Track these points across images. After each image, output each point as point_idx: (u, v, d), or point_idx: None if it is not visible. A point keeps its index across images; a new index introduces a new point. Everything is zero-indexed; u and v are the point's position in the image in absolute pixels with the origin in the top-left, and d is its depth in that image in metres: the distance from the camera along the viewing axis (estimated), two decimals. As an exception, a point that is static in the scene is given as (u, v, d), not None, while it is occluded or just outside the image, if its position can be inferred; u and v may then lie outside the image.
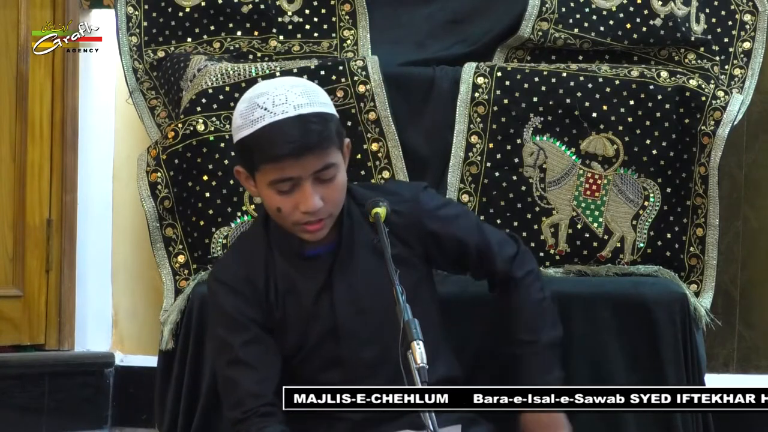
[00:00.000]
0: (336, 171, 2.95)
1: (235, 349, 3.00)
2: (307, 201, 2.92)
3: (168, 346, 3.58)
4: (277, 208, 2.95)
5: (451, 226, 3.13)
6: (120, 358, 4.34)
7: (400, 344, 2.74)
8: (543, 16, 3.87)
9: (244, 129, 2.94)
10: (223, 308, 3.05)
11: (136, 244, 4.26)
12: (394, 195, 3.11)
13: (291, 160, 2.89)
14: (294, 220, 2.96)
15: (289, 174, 2.91)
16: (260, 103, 2.93)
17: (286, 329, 3.05)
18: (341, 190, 2.99)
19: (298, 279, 3.05)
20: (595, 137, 3.69)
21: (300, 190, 2.92)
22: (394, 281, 2.83)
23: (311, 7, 3.96)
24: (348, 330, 3.03)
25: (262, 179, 2.95)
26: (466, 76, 3.74)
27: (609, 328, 3.50)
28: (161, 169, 3.67)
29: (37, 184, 4.28)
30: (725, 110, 3.65)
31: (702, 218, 3.68)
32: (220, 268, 3.13)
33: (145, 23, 3.95)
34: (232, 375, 3.00)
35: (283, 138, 2.88)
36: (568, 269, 3.68)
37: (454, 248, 3.14)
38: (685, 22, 3.85)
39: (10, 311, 4.23)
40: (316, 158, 2.91)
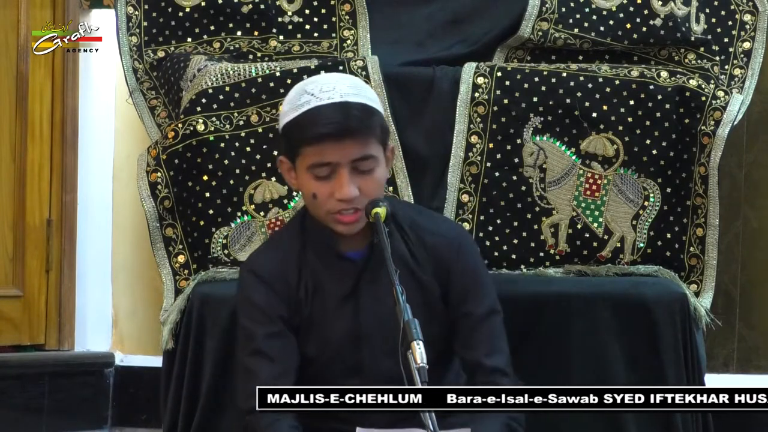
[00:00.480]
0: (375, 165, 2.96)
1: (258, 340, 3.00)
2: (343, 188, 2.92)
3: (168, 346, 3.58)
4: (313, 194, 2.96)
5: (477, 284, 3.08)
6: (120, 358, 4.34)
7: (400, 344, 2.74)
8: (543, 16, 3.87)
9: (289, 114, 2.97)
10: (252, 299, 3.04)
11: (136, 244, 4.26)
12: (434, 224, 3.12)
13: (331, 143, 2.90)
14: (328, 209, 2.96)
15: (328, 158, 2.92)
16: (308, 89, 2.97)
17: (311, 328, 3.05)
18: (379, 184, 2.99)
19: (327, 280, 3.05)
20: (595, 137, 3.69)
21: (337, 177, 2.93)
22: (394, 281, 2.83)
23: (311, 7, 3.96)
24: (370, 339, 3.03)
25: (301, 164, 2.96)
26: (466, 76, 3.74)
27: (609, 328, 3.50)
28: (161, 169, 3.67)
29: (37, 184, 4.28)
30: (725, 110, 3.65)
31: (702, 218, 3.68)
32: (255, 260, 3.13)
33: (145, 23, 3.95)
34: (251, 365, 3.00)
35: (325, 119, 2.91)
36: (568, 269, 3.68)
37: (462, 302, 3.07)
38: (685, 22, 3.85)
39: (10, 311, 4.23)
40: (356, 145, 2.92)
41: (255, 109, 3.70)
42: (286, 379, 2.97)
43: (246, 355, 3.02)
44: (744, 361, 4.22)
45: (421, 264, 3.05)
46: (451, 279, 3.06)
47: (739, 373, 4.20)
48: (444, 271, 3.06)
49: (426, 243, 3.06)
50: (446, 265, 3.06)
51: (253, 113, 3.70)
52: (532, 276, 3.66)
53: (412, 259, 3.05)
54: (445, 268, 3.06)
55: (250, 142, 3.69)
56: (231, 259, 3.67)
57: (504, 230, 3.68)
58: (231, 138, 3.68)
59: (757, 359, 4.23)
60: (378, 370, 3.00)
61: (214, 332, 3.49)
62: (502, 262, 3.68)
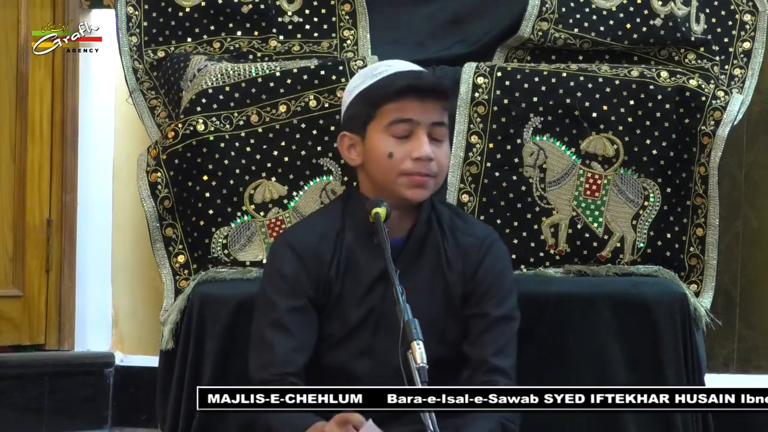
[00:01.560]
0: (446, 136, 3.06)
1: (281, 311, 3.02)
2: (422, 147, 3.00)
3: (168, 346, 3.58)
4: (389, 153, 3.01)
5: (502, 288, 3.12)
6: (120, 358, 4.34)
7: (400, 344, 2.74)
8: (543, 16, 3.87)
9: (364, 83, 3.07)
10: (281, 270, 3.07)
11: (136, 244, 4.26)
12: (469, 226, 3.17)
13: (414, 99, 2.99)
14: (403, 168, 3.02)
15: (409, 114, 3.00)
16: (385, 63, 3.09)
17: (337, 307, 3.07)
18: (448, 158, 3.13)
19: (361, 261, 3.08)
20: (595, 137, 3.69)
21: (415, 137, 3.01)
22: (394, 281, 2.83)
23: (311, 7, 3.96)
24: (389, 325, 3.01)
25: (377, 125, 3.02)
26: (466, 76, 3.74)
27: (609, 328, 3.50)
28: (161, 169, 3.67)
29: (37, 184, 4.28)
30: (725, 110, 3.65)
31: (702, 218, 3.68)
32: (292, 233, 3.17)
33: (145, 23, 3.95)
34: (270, 336, 3.01)
35: (409, 76, 3.02)
36: (568, 269, 3.68)
37: (476, 299, 3.10)
38: (685, 22, 3.85)
39: (10, 311, 4.23)
40: (437, 107, 3.02)
41: (255, 109, 3.70)
42: (301, 353, 2.99)
43: (265, 325, 3.03)
44: (744, 361, 4.22)
45: (452, 265, 3.09)
46: (476, 278, 3.10)
47: (739, 373, 4.20)
48: (470, 270, 3.11)
49: (459, 243, 3.12)
50: (473, 264, 3.11)
51: (253, 113, 3.70)
52: (532, 276, 3.66)
53: (445, 259, 3.08)
54: (471, 268, 3.11)
55: (250, 142, 3.69)
56: (231, 259, 3.67)
57: (504, 230, 3.68)
58: (231, 138, 3.68)
59: (757, 359, 4.23)
60: (387, 359, 2.98)
61: (214, 332, 3.49)
62: (502, 262, 3.69)
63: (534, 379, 3.29)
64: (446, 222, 3.14)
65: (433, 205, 3.15)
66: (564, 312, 3.51)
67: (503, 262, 3.15)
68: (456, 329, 3.07)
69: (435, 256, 3.08)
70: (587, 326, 3.50)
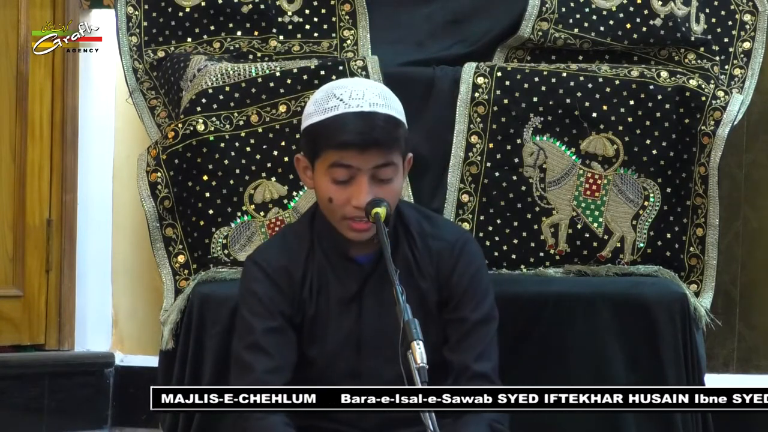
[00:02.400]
0: (394, 174, 2.97)
1: (257, 333, 2.99)
2: (361, 195, 2.93)
3: (168, 346, 3.58)
4: (329, 198, 2.96)
5: (476, 290, 3.07)
6: (120, 358, 4.34)
7: (400, 344, 2.74)
8: (543, 16, 3.87)
9: (315, 115, 2.97)
10: (254, 291, 3.04)
11: (136, 244, 4.26)
12: (439, 230, 3.11)
13: (355, 151, 2.92)
14: (343, 214, 2.96)
15: (348, 162, 2.93)
16: (337, 94, 2.97)
17: (314, 328, 3.04)
18: (396, 194, 3.00)
19: (332, 281, 3.05)
20: (595, 137, 3.69)
21: (355, 183, 2.94)
22: (394, 281, 2.82)
23: (311, 7, 3.96)
24: (371, 345, 3.02)
25: (321, 165, 2.96)
26: (466, 76, 3.74)
27: (609, 328, 3.50)
28: (161, 169, 3.67)
29: (37, 184, 4.28)
30: (725, 110, 3.65)
31: (702, 218, 3.68)
32: (262, 253, 3.12)
33: (145, 23, 3.95)
34: (247, 358, 2.99)
35: (352, 128, 2.92)
36: (568, 269, 3.68)
37: (453, 304, 3.06)
38: (685, 22, 3.85)
39: (10, 311, 4.23)
40: (379, 154, 2.93)
41: (255, 109, 3.70)
42: (281, 374, 2.96)
43: (242, 348, 3.01)
44: (744, 361, 4.22)
45: (423, 272, 3.05)
46: (451, 283, 3.06)
47: (739, 373, 4.21)
48: (444, 275, 3.06)
49: (431, 249, 3.07)
50: (447, 269, 3.06)
51: (253, 113, 3.70)
52: (532, 276, 3.66)
53: (415, 267, 3.05)
54: (445, 273, 3.06)
55: (250, 142, 3.69)
56: (231, 259, 3.67)
57: (504, 230, 3.68)
58: (231, 138, 3.68)
59: (757, 359, 4.23)
60: (377, 376, 2.99)
61: (214, 332, 3.49)
62: (502, 262, 3.68)
63: (534, 379, 3.30)
64: (415, 228, 3.08)
65: (399, 212, 3.09)
66: (564, 312, 3.51)
67: (477, 264, 3.10)
68: (435, 334, 3.04)
69: (404, 267, 3.04)
70: (587, 326, 3.50)
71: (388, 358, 2.88)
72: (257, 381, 2.93)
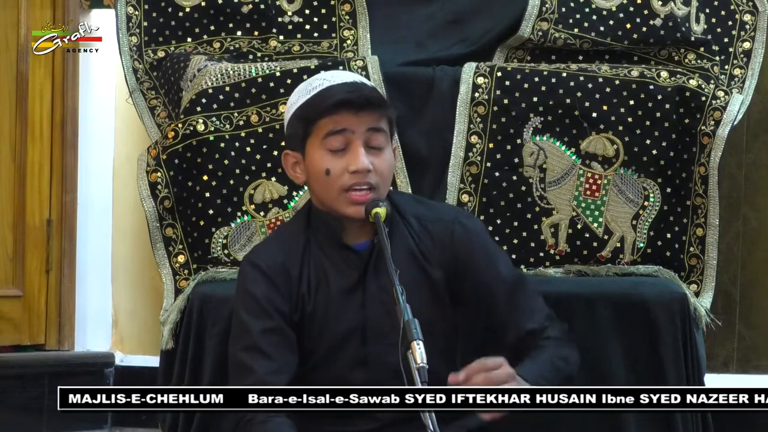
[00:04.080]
0: (386, 144, 2.98)
1: (254, 335, 2.97)
2: (357, 159, 2.93)
3: (168, 345, 3.58)
4: (326, 170, 2.95)
5: (490, 258, 3.07)
6: (120, 358, 4.34)
7: (400, 344, 2.74)
8: (543, 16, 3.87)
9: (300, 100, 3.00)
10: (250, 292, 3.02)
11: (136, 244, 4.26)
12: (434, 211, 3.11)
13: (348, 112, 2.93)
14: (341, 184, 2.95)
15: (343, 125, 2.93)
16: (319, 77, 3.02)
17: (315, 322, 3.03)
18: (389, 167, 3.00)
19: (331, 272, 3.03)
20: (595, 137, 3.69)
21: (351, 149, 2.94)
22: (394, 281, 2.82)
23: (311, 7, 3.96)
24: (375, 331, 3.01)
25: (314, 140, 2.97)
26: (466, 76, 3.74)
27: (609, 328, 3.51)
28: (161, 169, 3.67)
29: (37, 184, 4.28)
30: (725, 110, 3.66)
31: (702, 218, 3.68)
32: (257, 252, 3.11)
33: (145, 23, 3.95)
34: (246, 361, 2.97)
35: (342, 90, 2.95)
36: (568, 269, 3.68)
37: (483, 281, 3.05)
38: (685, 22, 3.85)
39: (10, 311, 4.23)
40: (371, 115, 2.95)
41: (255, 109, 3.70)
42: (281, 376, 2.95)
43: (240, 350, 2.98)
44: (744, 361, 4.22)
45: (428, 256, 3.04)
46: (462, 261, 3.04)
47: (739, 373, 4.20)
48: (450, 255, 3.04)
49: (430, 232, 3.05)
50: (450, 248, 3.04)
51: (253, 113, 3.70)
52: (532, 276, 3.66)
53: (419, 252, 3.04)
54: (450, 253, 3.04)
55: (250, 142, 3.69)
56: (231, 259, 3.67)
57: (504, 230, 3.68)
58: (231, 138, 3.68)
59: (757, 359, 4.23)
60: (383, 363, 2.97)
61: (214, 332, 3.49)
62: (502, 262, 3.68)
63: (534, 379, 3.29)
64: (410, 211, 3.07)
65: (392, 199, 3.06)
66: (564, 312, 3.50)
67: (481, 235, 3.10)
68: (443, 318, 3.04)
69: (407, 252, 3.04)
70: (587, 326, 3.50)
71: (393, 343, 2.85)
72: (257, 383, 2.92)
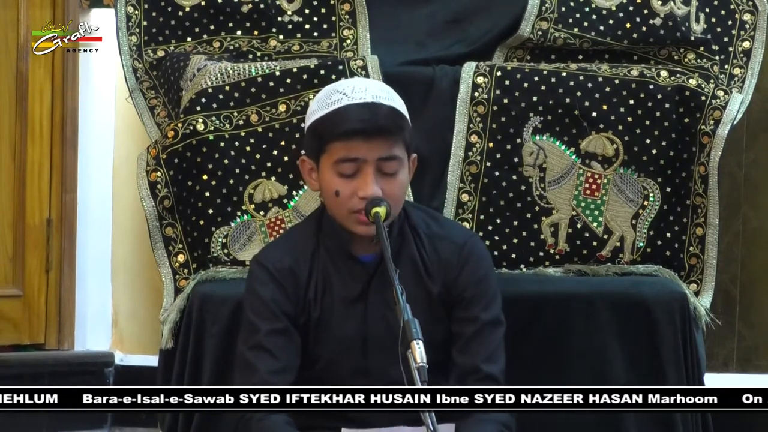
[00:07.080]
0: (400, 167, 2.98)
1: (261, 335, 2.99)
2: (367, 186, 2.93)
3: (168, 345, 3.58)
4: (336, 192, 2.95)
5: (484, 294, 3.06)
6: (120, 358, 4.34)
7: (400, 344, 2.74)
8: (543, 15, 3.87)
9: (318, 112, 2.99)
10: (258, 293, 3.04)
11: (136, 243, 4.27)
12: (446, 231, 3.11)
13: (360, 140, 2.92)
14: (350, 207, 2.96)
15: (355, 154, 2.93)
16: (339, 89, 3.00)
17: (320, 329, 3.04)
18: (402, 189, 3.00)
19: (336, 281, 3.05)
20: (595, 137, 3.69)
21: (361, 176, 2.94)
22: (393, 281, 2.82)
23: (311, 7, 3.96)
24: (377, 344, 3.02)
25: (327, 160, 2.96)
26: (466, 75, 3.74)
27: (609, 327, 3.51)
28: (161, 169, 3.67)
29: (37, 184, 4.28)
30: (725, 110, 3.65)
31: (702, 218, 3.68)
32: (267, 254, 3.12)
33: (145, 23, 3.95)
34: (252, 359, 2.99)
35: (356, 116, 2.93)
36: (568, 269, 3.68)
37: (463, 304, 3.06)
38: (685, 22, 3.85)
39: (10, 311, 4.23)
40: (384, 144, 2.94)
41: (255, 108, 3.70)
42: (285, 375, 2.97)
43: (247, 349, 3.01)
44: (744, 361, 4.22)
45: (431, 273, 3.05)
46: (459, 284, 3.05)
47: (739, 373, 4.21)
48: (452, 276, 3.06)
49: (438, 250, 3.07)
50: (454, 270, 3.06)
51: (253, 113, 3.70)
52: (532, 276, 3.66)
53: (423, 268, 3.05)
54: (453, 274, 3.06)
55: (249, 141, 3.69)
56: (231, 259, 3.67)
57: (504, 230, 3.68)
58: (231, 137, 3.68)
59: (756, 359, 4.23)
60: (384, 375, 2.98)
61: (213, 331, 3.50)
62: (502, 261, 3.68)
63: (534, 378, 3.29)
64: (422, 229, 3.08)
65: (406, 213, 3.09)
66: (564, 312, 3.51)
67: (486, 266, 3.10)
68: (442, 333, 3.05)
69: (412, 267, 3.05)
70: (587, 326, 3.50)
71: (395, 356, 2.85)
72: (261, 381, 2.94)
